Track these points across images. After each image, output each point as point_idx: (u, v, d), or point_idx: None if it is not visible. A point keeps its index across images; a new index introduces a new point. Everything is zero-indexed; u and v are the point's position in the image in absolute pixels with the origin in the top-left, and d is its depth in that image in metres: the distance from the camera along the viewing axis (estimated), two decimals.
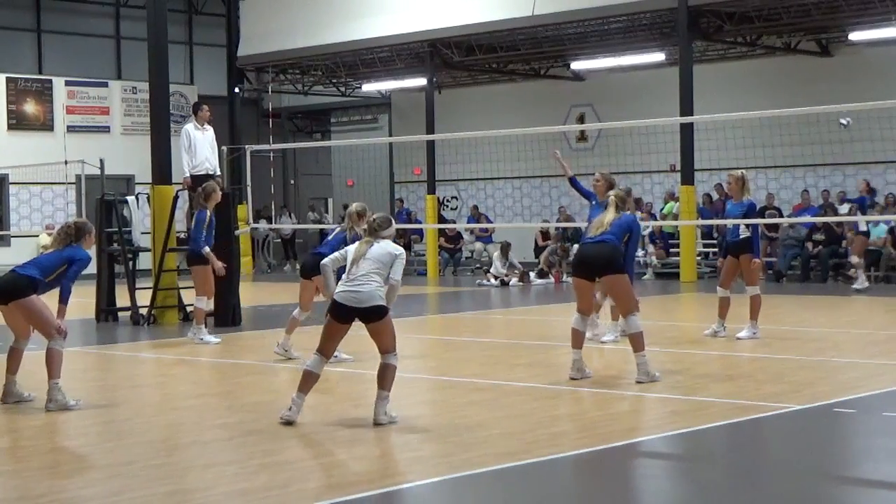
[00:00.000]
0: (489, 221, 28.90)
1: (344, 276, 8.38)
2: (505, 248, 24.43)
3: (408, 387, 10.33)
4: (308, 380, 8.34)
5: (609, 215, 10.32)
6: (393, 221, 8.61)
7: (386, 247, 8.40)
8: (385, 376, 8.27)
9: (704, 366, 11.04)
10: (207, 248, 13.54)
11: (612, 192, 10.80)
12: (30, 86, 29.47)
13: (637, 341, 9.93)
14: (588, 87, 28.83)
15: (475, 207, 29.76)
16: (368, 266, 8.27)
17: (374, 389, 8.29)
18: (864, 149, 23.43)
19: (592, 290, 10.68)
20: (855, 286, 20.33)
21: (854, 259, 21.02)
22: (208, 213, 13.70)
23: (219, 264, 13.59)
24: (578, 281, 10.35)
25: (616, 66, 27.35)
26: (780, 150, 24.56)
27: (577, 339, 10.14)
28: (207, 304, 13.89)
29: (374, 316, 8.21)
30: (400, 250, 8.40)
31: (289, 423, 8.22)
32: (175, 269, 16.75)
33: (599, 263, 10.12)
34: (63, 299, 9.19)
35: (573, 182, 13.43)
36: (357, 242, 8.65)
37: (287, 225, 30.66)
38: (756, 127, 24.17)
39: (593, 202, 12.92)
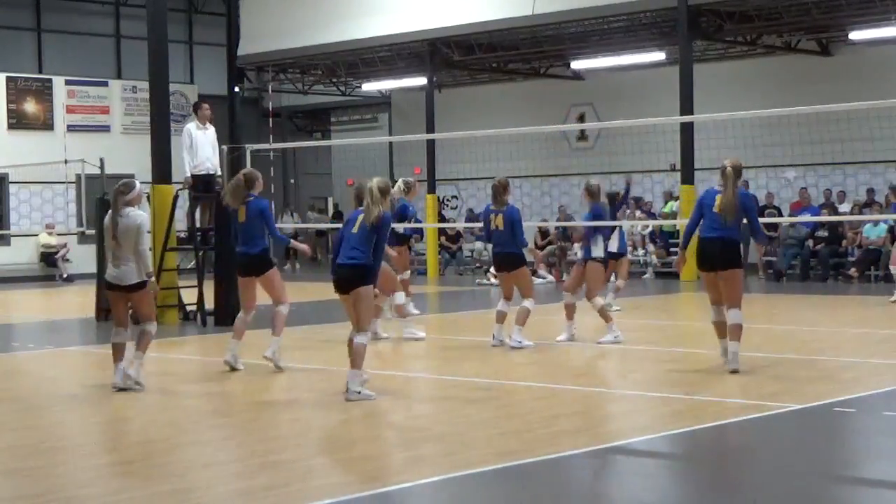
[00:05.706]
0: None
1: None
2: None
3: (408, 386, 10.34)
4: None
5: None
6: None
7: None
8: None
9: (704, 365, 11.03)
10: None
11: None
12: (30, 85, 29.48)
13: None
14: (588, 86, 28.82)
15: (471, 211, 29.76)
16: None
17: (375, 389, 8.27)
18: (864, 148, 23.43)
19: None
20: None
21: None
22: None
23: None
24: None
25: (616, 65, 27.33)
26: (781, 150, 24.58)
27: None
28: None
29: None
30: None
31: None
32: (175, 269, 16.75)
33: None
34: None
35: None
36: None
37: (288, 224, 30.63)
38: (756, 126, 24.15)
39: None
